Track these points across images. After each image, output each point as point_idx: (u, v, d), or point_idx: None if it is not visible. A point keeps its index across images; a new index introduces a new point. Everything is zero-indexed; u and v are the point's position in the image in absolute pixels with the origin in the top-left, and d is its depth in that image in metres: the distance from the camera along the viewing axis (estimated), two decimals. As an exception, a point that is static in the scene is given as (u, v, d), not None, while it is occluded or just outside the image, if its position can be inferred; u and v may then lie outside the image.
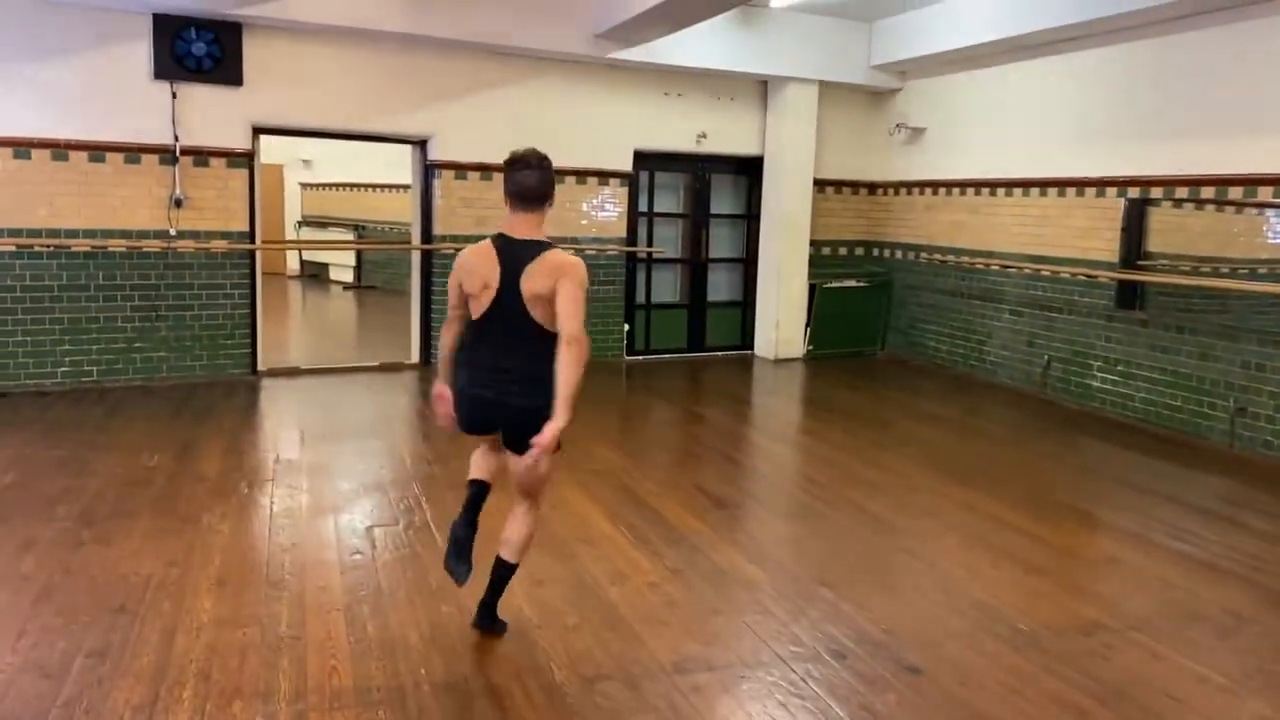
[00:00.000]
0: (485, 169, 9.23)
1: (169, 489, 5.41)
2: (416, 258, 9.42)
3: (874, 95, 10.95)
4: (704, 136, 10.25)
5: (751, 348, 10.98)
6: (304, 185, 17.60)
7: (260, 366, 8.70)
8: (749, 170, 10.80)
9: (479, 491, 3.78)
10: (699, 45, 9.44)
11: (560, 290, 3.37)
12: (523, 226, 3.59)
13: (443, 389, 3.71)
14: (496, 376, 3.51)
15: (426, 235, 9.24)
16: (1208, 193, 7.32)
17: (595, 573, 4.41)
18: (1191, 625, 4.06)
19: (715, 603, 4.17)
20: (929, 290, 10.34)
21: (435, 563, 4.45)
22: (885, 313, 11.00)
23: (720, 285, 11.04)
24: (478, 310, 3.56)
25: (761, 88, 10.48)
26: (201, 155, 8.15)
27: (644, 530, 5.00)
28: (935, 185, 10.26)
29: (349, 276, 16.85)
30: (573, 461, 6.16)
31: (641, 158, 10.10)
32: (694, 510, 5.37)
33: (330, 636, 3.70)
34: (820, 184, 10.82)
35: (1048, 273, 8.72)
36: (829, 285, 10.72)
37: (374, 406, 8.00)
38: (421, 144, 9.18)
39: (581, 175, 9.67)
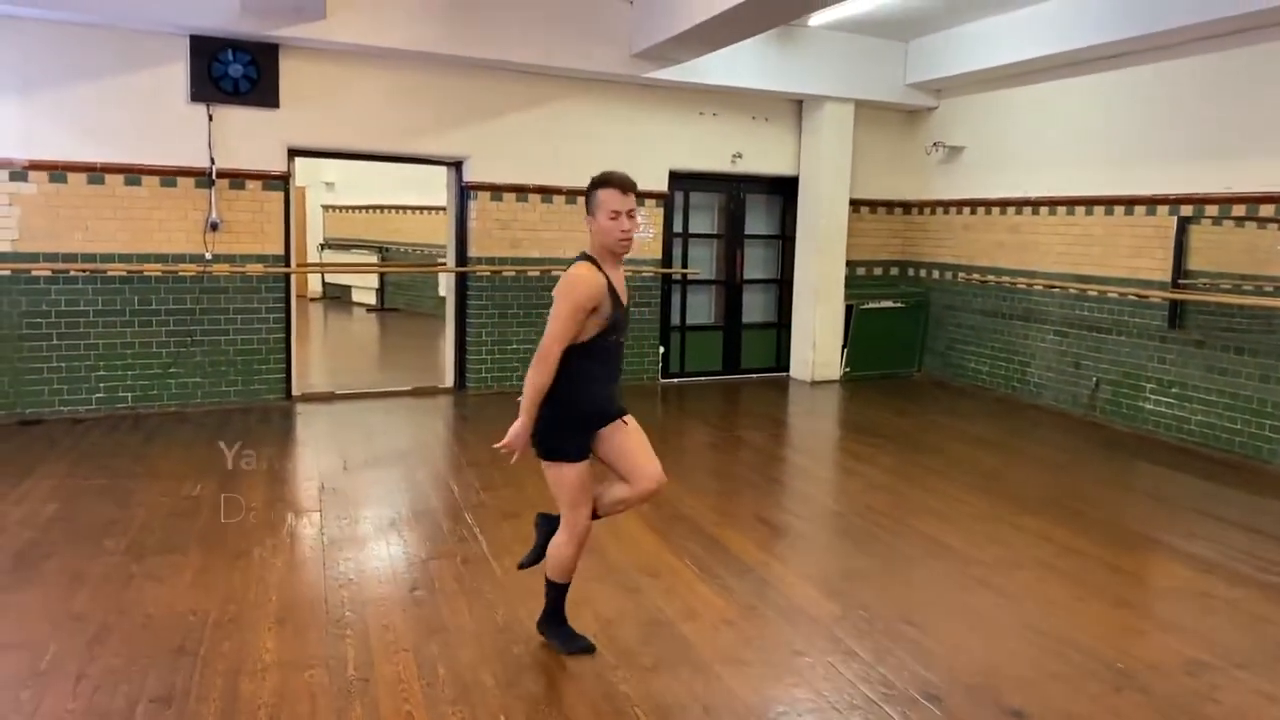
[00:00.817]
0: (521, 190, 9.12)
1: (216, 521, 5.27)
2: (451, 281, 9.30)
3: (910, 114, 10.83)
4: (739, 156, 10.13)
5: (787, 370, 10.82)
6: (326, 207, 17.55)
7: (295, 391, 8.57)
8: (784, 190, 10.67)
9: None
10: (734, 64, 9.34)
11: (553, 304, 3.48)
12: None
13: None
14: None
15: (461, 257, 9.12)
16: (1268, 210, 7.14)
17: (665, 609, 4.24)
18: (1298, 663, 3.87)
19: (794, 640, 4.00)
20: (968, 311, 10.18)
21: (500, 598, 4.30)
22: (922, 334, 10.83)
23: (755, 306, 10.89)
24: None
25: (797, 107, 10.37)
26: (238, 178, 8.05)
27: (708, 562, 4.84)
28: (974, 204, 10.11)
29: (371, 299, 16.75)
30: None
31: (676, 178, 9.98)
32: (756, 540, 5.20)
33: (401, 679, 3.54)
34: (855, 204, 10.69)
35: (1095, 292, 8.54)
36: (866, 306, 10.56)
37: (414, 432, 7.86)
38: (457, 165, 9.08)
39: (617, 196, 9.52)
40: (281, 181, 8.26)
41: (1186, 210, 7.75)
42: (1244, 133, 7.25)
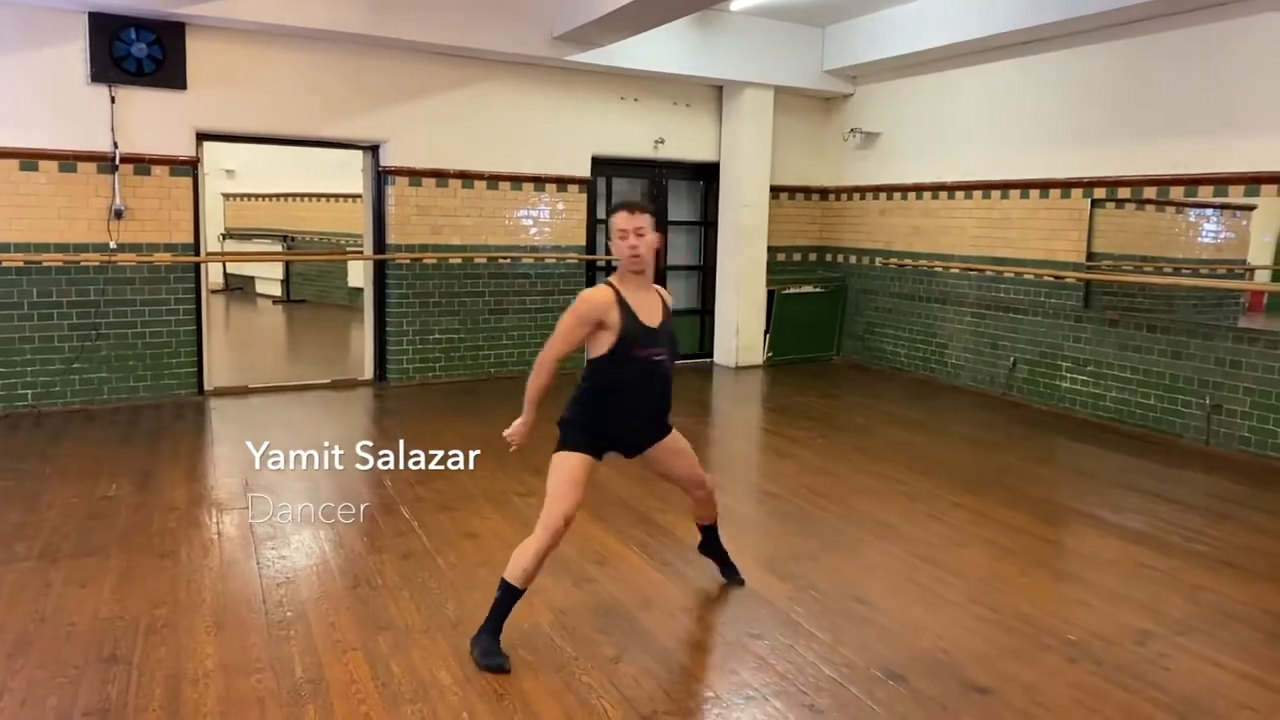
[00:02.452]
0: (441, 175, 8.90)
1: (137, 521, 4.99)
2: (369, 269, 9.02)
3: (828, 100, 10.92)
4: (661, 142, 10.07)
5: (711, 355, 10.83)
6: (227, 196, 16.90)
7: (207, 386, 8.22)
8: (706, 176, 10.66)
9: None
10: (656, 49, 9.27)
11: None
12: None
13: None
14: None
15: (380, 245, 8.86)
16: (1177, 193, 7.40)
17: (620, 598, 4.17)
18: (1236, 629, 4.00)
19: (751, 624, 3.96)
20: (885, 295, 10.33)
21: (447, 592, 4.17)
22: (840, 318, 10.96)
23: (679, 293, 10.84)
24: None
25: (717, 93, 10.36)
26: (143, 163, 7.66)
27: (656, 548, 4.78)
28: (890, 190, 10.25)
29: (277, 290, 16.22)
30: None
31: (599, 163, 9.87)
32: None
33: (354, 680, 3.39)
34: (775, 190, 10.73)
35: (1011, 274, 8.75)
36: (787, 291, 10.63)
37: (336, 425, 7.60)
38: (373, 149, 8.80)
39: (540, 181, 9.39)
40: (190, 167, 7.89)
41: (1100, 193, 7.98)
42: (1154, 116, 7.49)
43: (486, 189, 9.15)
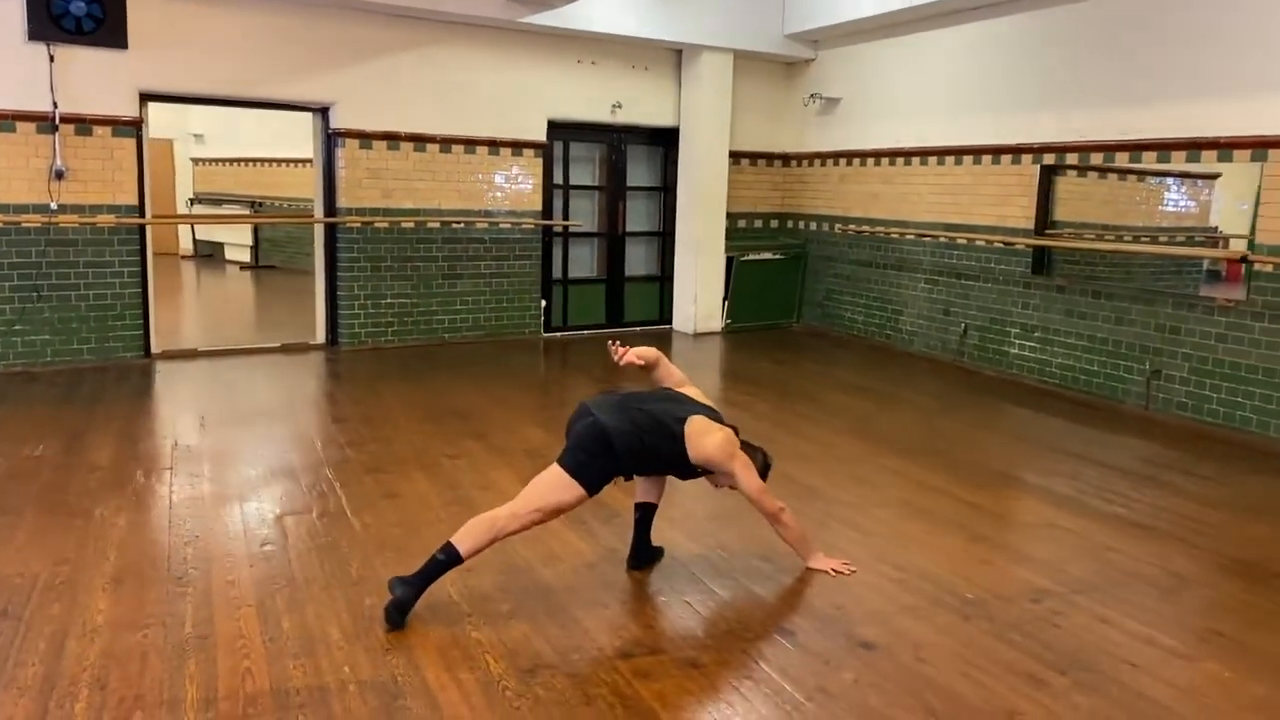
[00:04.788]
0: (393, 138, 8.83)
1: (57, 481, 4.98)
2: (320, 232, 8.97)
3: (789, 65, 10.85)
4: (619, 106, 10.00)
5: (670, 322, 10.82)
6: (196, 161, 16.75)
7: (154, 349, 8.18)
8: (665, 142, 10.60)
9: None
10: (613, 11, 9.19)
11: None
12: None
13: None
14: None
15: (330, 208, 8.79)
16: (1122, 158, 7.38)
17: (527, 555, 4.18)
18: (1134, 587, 4.03)
19: (653, 581, 3.99)
20: (844, 262, 10.32)
21: (355, 552, 4.17)
22: (800, 285, 10.95)
23: (638, 259, 10.84)
24: None
25: (676, 57, 10.28)
26: (84, 123, 7.58)
27: (578, 510, 4.77)
28: (849, 156, 10.21)
29: (246, 256, 16.13)
30: (498, 443, 5.93)
31: (556, 128, 9.80)
32: (626, 488, 5.14)
33: (242, 635, 3.39)
34: (735, 155, 10.68)
35: (963, 241, 8.74)
36: (746, 258, 10.61)
37: (279, 389, 7.57)
38: (323, 111, 8.72)
39: (494, 145, 9.32)
40: (133, 128, 7.81)
41: (1049, 158, 7.96)
42: (1104, 82, 7.45)
43: (440, 152, 9.08)
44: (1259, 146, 6.38)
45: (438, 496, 4.93)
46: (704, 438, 3.76)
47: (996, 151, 8.40)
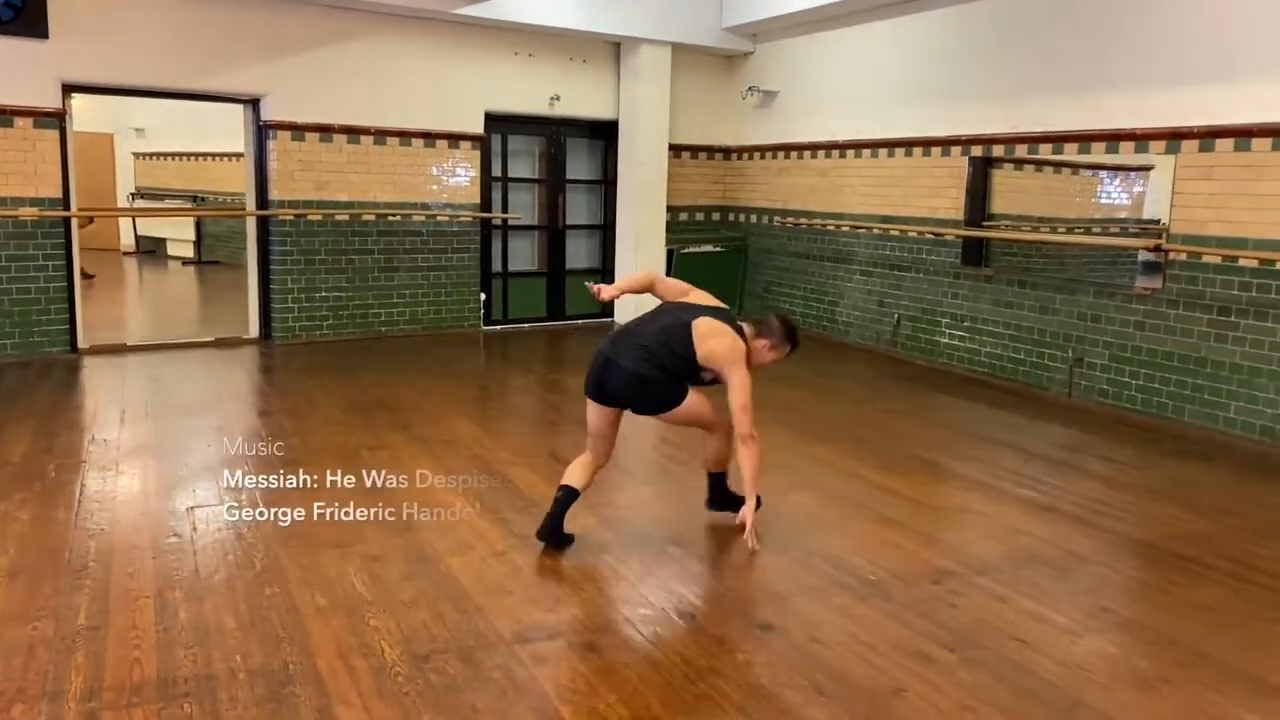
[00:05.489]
0: (325, 130, 8.75)
1: (-39, 476, 4.90)
2: (252, 226, 8.87)
3: (728, 59, 10.89)
4: (557, 99, 9.98)
5: (613, 315, 10.82)
6: (137, 155, 16.50)
7: (81, 344, 8.04)
8: (605, 134, 10.59)
9: None
10: (550, 4, 9.18)
11: None
12: None
13: None
14: None
15: (262, 201, 8.70)
16: (1045, 149, 7.51)
17: (437, 545, 4.17)
18: (1034, 568, 4.10)
19: (563, 568, 4.00)
20: (783, 254, 10.39)
21: (260, 544, 4.14)
22: (742, 277, 11.00)
23: (580, 252, 10.83)
24: None
25: (615, 50, 10.27)
26: (4, 114, 7.43)
27: (493, 499, 4.78)
28: (787, 149, 10.27)
29: (189, 251, 15.89)
30: (422, 434, 5.91)
31: (493, 120, 9.76)
32: (546, 476, 5.14)
33: (135, 626, 3.36)
34: (676, 149, 10.70)
35: (896, 232, 8.84)
36: (687, 251, 10.64)
37: (206, 384, 7.48)
38: (254, 103, 8.62)
39: (430, 138, 9.27)
40: (56, 119, 7.67)
41: (977, 150, 8.06)
42: (1030, 74, 7.55)
43: (374, 144, 9.01)
44: (1172, 138, 6.52)
45: (355, 489, 4.89)
46: (711, 339, 3.99)
47: (926, 144, 8.50)
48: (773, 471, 5.36)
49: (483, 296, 9.87)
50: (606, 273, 10.81)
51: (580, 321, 10.61)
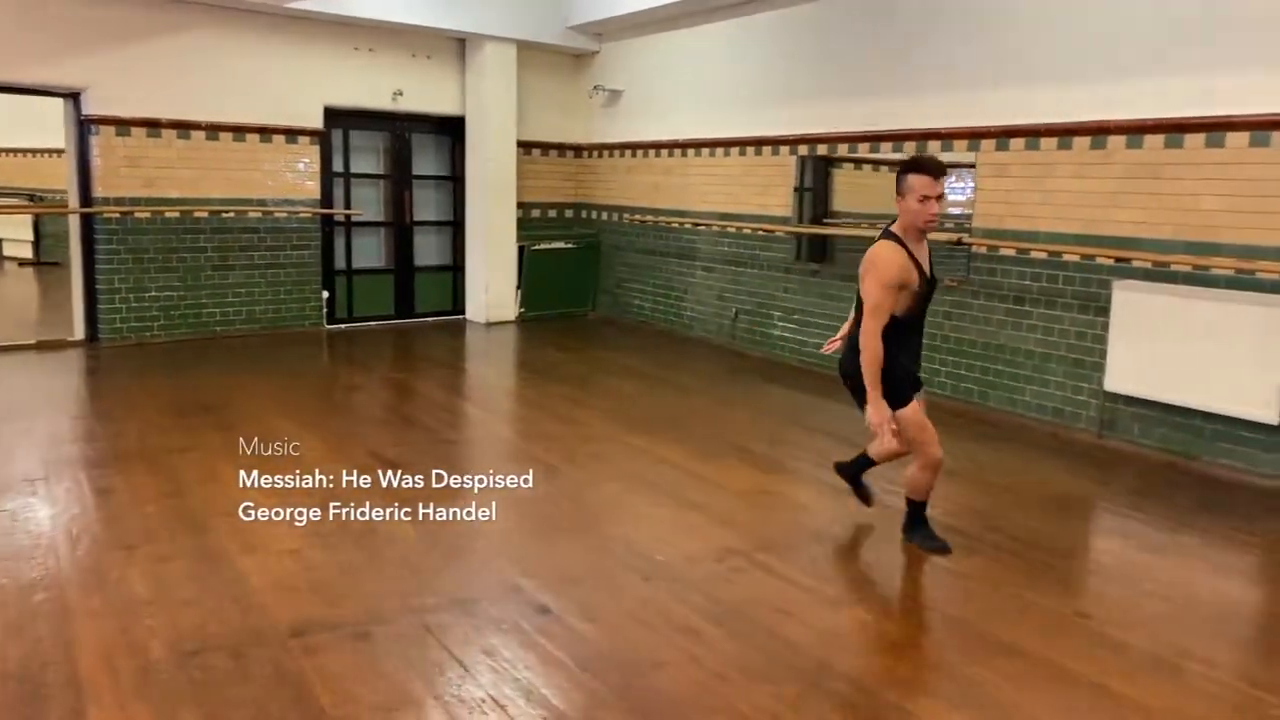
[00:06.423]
0: (153, 124, 8.50)
1: None
2: (75, 224, 8.55)
3: (576, 57, 10.99)
4: (400, 94, 9.90)
5: (463, 312, 10.81)
6: (-33, 151, 15.66)
7: (-117, 349, 7.64)
8: (452, 131, 10.56)
9: None
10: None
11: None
12: None
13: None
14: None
15: (86, 198, 8.40)
16: (864, 149, 7.85)
17: (229, 544, 4.14)
18: (815, 545, 4.33)
19: (357, 563, 4.02)
20: (632, 251, 10.55)
21: (38, 548, 4.04)
22: (594, 274, 11.13)
23: (429, 249, 10.77)
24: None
25: (460, 46, 10.26)
26: None
27: (298, 498, 4.75)
28: (634, 147, 10.44)
29: (27, 252, 15.17)
30: (239, 435, 5.78)
31: (334, 115, 9.63)
32: (362, 474, 5.17)
33: (-113, 635, 3.25)
34: (527, 146, 10.76)
35: (733, 230, 9.09)
36: (537, 247, 10.70)
37: (20, 387, 7.18)
38: (74, 96, 8.31)
39: (266, 133, 9.09)
40: None
41: (804, 150, 8.36)
42: (854, 77, 7.85)
43: (206, 140, 8.79)
44: (973, 138, 6.90)
45: (154, 490, 4.81)
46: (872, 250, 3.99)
47: (758, 143, 8.76)
48: (590, 461, 5.52)
49: (325, 295, 9.73)
50: (458, 269, 10.79)
51: (430, 319, 10.56)
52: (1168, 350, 5.64)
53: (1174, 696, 3.11)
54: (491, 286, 10.46)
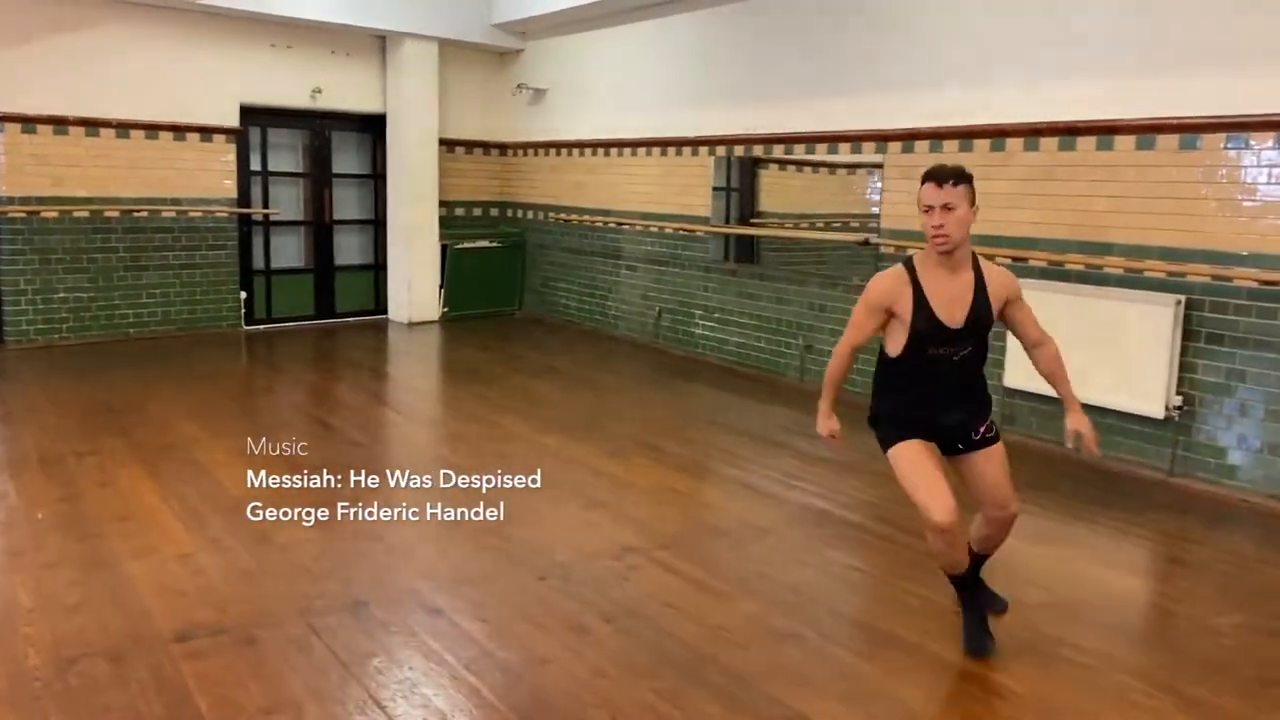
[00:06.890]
0: (60, 122, 8.31)
1: None
2: (-21, 223, 8.33)
3: (501, 55, 10.96)
4: (319, 92, 9.80)
5: (386, 312, 10.72)
6: None
7: None
8: (374, 129, 10.47)
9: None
10: (307, -5, 9.03)
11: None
12: None
13: None
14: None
15: (-10, 197, 8.20)
16: (777, 150, 7.96)
17: (119, 550, 4.08)
18: (713, 541, 4.39)
19: (250, 566, 3.99)
20: (557, 249, 10.56)
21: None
22: (520, 273, 11.11)
23: (351, 248, 10.67)
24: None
25: (380, 43, 10.18)
26: None
27: (196, 502, 4.71)
28: (558, 146, 10.45)
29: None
30: (141, 438, 5.72)
31: (252, 113, 9.49)
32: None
33: None
34: (450, 144, 10.71)
35: (656, 229, 9.14)
36: (461, 246, 10.66)
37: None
38: (-25, 93, 8.11)
39: (179, 130, 8.93)
40: None
41: (721, 150, 8.45)
42: (772, 78, 7.93)
43: (116, 137, 8.61)
44: (880, 139, 7.03)
45: (47, 494, 4.73)
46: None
47: (679, 144, 8.83)
48: (496, 461, 5.50)
49: (243, 295, 9.59)
50: (380, 268, 10.70)
51: (353, 319, 10.46)
52: (1063, 347, 5.79)
53: (1041, 682, 3.22)
54: (414, 286, 10.40)
